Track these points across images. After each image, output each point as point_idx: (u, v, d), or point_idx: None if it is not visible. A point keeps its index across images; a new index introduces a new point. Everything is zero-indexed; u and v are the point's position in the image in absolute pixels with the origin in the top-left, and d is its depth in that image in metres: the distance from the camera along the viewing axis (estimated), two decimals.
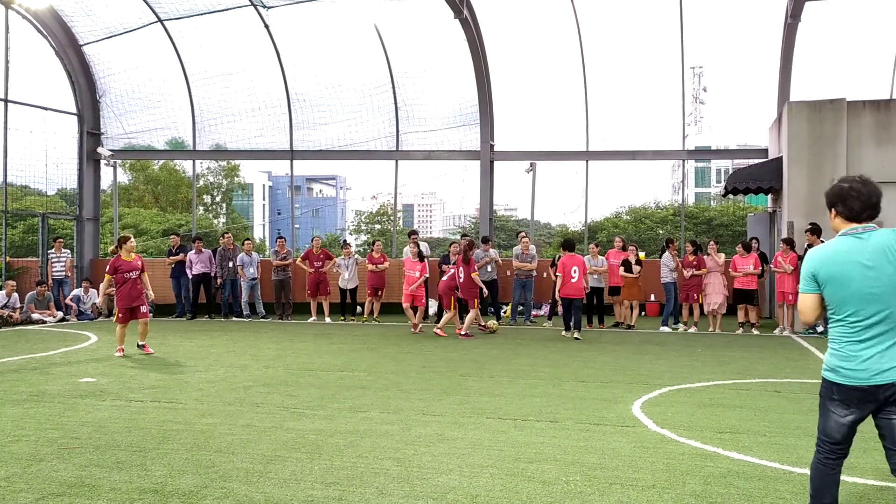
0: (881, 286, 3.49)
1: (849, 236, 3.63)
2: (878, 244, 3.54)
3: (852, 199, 3.64)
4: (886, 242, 3.54)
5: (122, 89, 19.86)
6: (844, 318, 3.59)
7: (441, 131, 19.10)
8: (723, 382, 8.68)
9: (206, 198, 51.85)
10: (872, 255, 3.53)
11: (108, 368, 9.70)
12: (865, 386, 3.52)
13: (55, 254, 17.64)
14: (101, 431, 6.22)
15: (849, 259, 3.56)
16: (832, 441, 3.70)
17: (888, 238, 3.55)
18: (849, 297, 3.55)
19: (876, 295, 3.50)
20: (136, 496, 4.61)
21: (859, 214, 3.63)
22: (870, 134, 14.20)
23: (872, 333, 3.52)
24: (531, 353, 11.24)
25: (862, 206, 3.63)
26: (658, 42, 18.23)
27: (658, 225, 36.74)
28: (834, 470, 3.74)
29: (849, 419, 3.62)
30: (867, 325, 3.53)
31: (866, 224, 3.63)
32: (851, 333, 3.57)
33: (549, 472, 5.10)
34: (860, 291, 3.52)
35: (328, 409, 7.08)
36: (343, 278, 16.48)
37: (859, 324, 3.54)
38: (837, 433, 3.67)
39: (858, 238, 3.59)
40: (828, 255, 3.64)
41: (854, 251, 3.57)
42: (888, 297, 3.49)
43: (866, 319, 3.53)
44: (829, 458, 3.74)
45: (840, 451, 3.72)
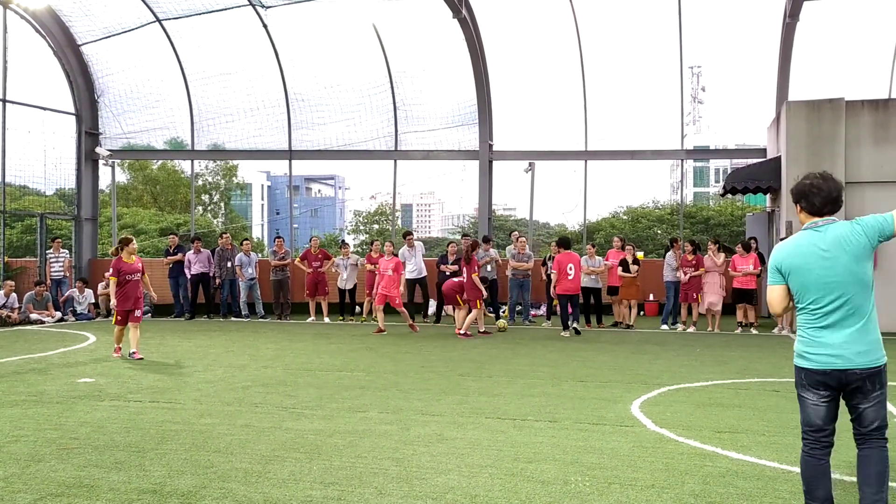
0: (838, 274, 3.73)
1: (810, 230, 3.87)
2: (836, 235, 3.77)
3: (814, 195, 3.86)
4: (843, 233, 3.76)
5: (120, 89, 19.85)
6: (807, 305, 3.83)
7: (440, 131, 19.10)
8: (722, 382, 8.68)
9: (205, 197, 51.80)
10: (830, 245, 3.76)
11: (106, 369, 9.69)
12: (829, 369, 3.74)
13: (53, 254, 17.63)
14: (100, 432, 6.21)
15: (809, 251, 3.81)
16: (813, 428, 3.85)
17: (845, 229, 3.77)
18: (810, 285, 3.79)
19: (834, 283, 3.73)
20: (134, 496, 4.60)
21: (820, 209, 3.87)
22: (868, 133, 14.20)
23: (833, 319, 3.75)
24: (530, 352, 11.24)
25: (822, 201, 3.85)
26: (657, 42, 18.24)
27: (655, 224, 36.73)
28: (822, 461, 3.83)
29: (822, 401, 3.80)
30: (828, 312, 3.76)
31: (827, 217, 3.85)
32: (814, 320, 3.81)
33: (548, 471, 5.09)
34: (819, 280, 3.76)
35: (327, 410, 7.08)
36: (341, 278, 16.49)
37: (820, 310, 3.78)
38: (816, 418, 3.83)
39: (818, 231, 3.83)
40: (790, 248, 3.90)
41: (813, 243, 3.81)
42: (845, 285, 3.72)
43: (827, 306, 3.76)
44: (815, 447, 3.85)
45: (824, 440, 3.83)
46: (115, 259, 10.82)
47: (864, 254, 3.76)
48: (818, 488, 3.81)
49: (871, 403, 3.77)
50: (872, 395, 3.76)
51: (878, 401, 3.77)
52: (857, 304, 3.75)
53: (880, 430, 3.80)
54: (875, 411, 3.78)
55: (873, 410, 3.78)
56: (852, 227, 3.78)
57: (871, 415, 3.78)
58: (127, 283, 10.66)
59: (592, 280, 15.05)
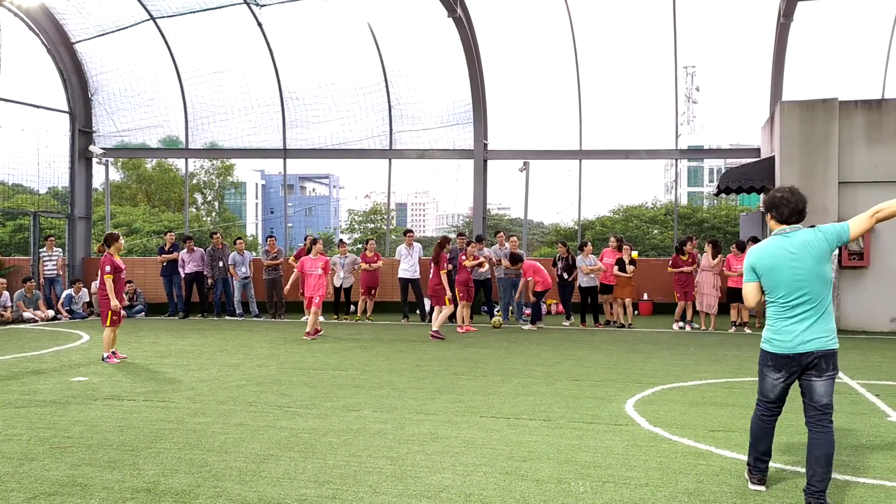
0: (804, 274, 4.37)
1: (779, 235, 4.53)
2: (802, 241, 4.42)
3: (782, 206, 4.53)
4: (808, 239, 4.41)
5: (114, 87, 19.79)
6: (776, 299, 4.49)
7: (434, 130, 19.10)
8: (715, 381, 8.70)
9: (199, 196, 51.67)
10: (797, 249, 4.40)
11: (100, 367, 9.66)
12: (791, 353, 4.42)
13: (47, 252, 17.57)
14: (94, 430, 6.20)
15: (779, 253, 4.45)
16: (768, 400, 4.64)
17: (809, 236, 4.42)
18: (779, 283, 4.44)
19: (800, 281, 4.38)
20: (128, 495, 4.59)
21: (788, 218, 4.53)
22: (861, 134, 14.26)
23: (798, 312, 4.41)
24: (524, 351, 11.25)
25: (790, 212, 4.51)
26: (651, 42, 18.28)
27: (648, 224, 36.76)
28: (769, 425, 4.67)
29: (780, 381, 4.53)
30: (794, 305, 4.42)
31: (794, 225, 4.51)
32: (781, 312, 4.47)
33: (543, 470, 5.10)
34: (788, 278, 4.41)
35: (321, 408, 7.07)
36: (338, 276, 16.47)
37: (787, 304, 4.43)
38: (772, 393, 4.59)
39: (786, 237, 4.49)
40: (763, 251, 4.55)
41: (783, 247, 4.46)
42: (809, 283, 4.37)
43: (793, 300, 4.41)
44: (765, 414, 4.67)
45: (774, 409, 4.64)
46: (107, 256, 10.24)
47: (826, 256, 4.39)
48: (761, 443, 4.69)
49: (824, 379, 4.41)
50: (827, 373, 4.40)
51: (829, 378, 4.41)
52: (818, 300, 4.39)
53: (828, 408, 4.42)
54: (826, 386, 4.41)
55: (823, 385, 4.41)
56: (815, 234, 4.41)
57: (822, 389, 4.41)
58: (118, 281, 10.32)
59: (590, 279, 15.08)
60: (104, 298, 10.21)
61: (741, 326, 14.38)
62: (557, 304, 17.81)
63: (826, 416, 4.40)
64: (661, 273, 15.96)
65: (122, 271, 10.37)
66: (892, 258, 14.11)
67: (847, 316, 14.24)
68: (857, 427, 6.38)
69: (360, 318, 16.26)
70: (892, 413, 6.95)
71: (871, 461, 5.36)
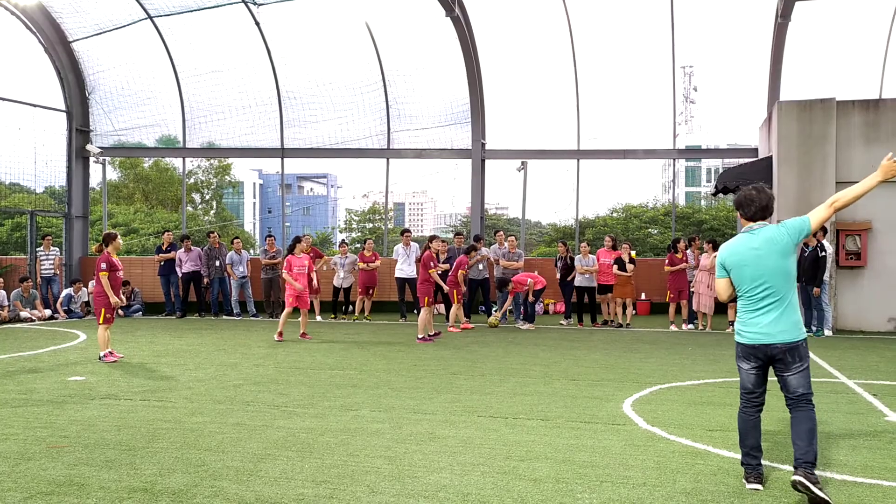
0: (767, 269, 4.58)
1: (746, 233, 4.73)
2: (766, 237, 4.62)
3: (749, 205, 4.72)
4: (772, 235, 4.60)
5: (111, 86, 19.76)
6: (744, 293, 4.70)
7: (432, 129, 19.09)
8: (713, 381, 8.70)
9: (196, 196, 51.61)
10: (762, 245, 4.60)
11: (97, 367, 9.64)
12: (757, 344, 4.63)
13: (44, 251, 17.53)
14: (91, 430, 6.18)
15: (745, 249, 4.66)
16: (746, 391, 4.81)
17: (773, 231, 4.61)
18: (746, 277, 4.65)
19: (764, 275, 4.58)
20: (125, 495, 4.58)
21: (754, 216, 4.73)
22: (859, 133, 14.27)
23: (763, 304, 4.60)
24: (522, 351, 11.25)
25: (755, 210, 4.71)
26: (649, 42, 18.29)
27: (647, 225, 36.79)
28: (753, 417, 4.77)
29: (752, 371, 4.73)
30: (759, 299, 4.62)
31: (760, 222, 4.70)
32: (748, 305, 4.68)
33: (540, 470, 5.10)
34: (753, 273, 4.62)
35: (319, 408, 7.06)
36: (338, 276, 16.46)
37: (754, 297, 4.64)
38: (748, 382, 4.78)
39: (752, 234, 4.69)
40: (732, 248, 4.76)
41: (749, 243, 4.66)
42: (773, 277, 4.57)
43: (758, 294, 4.62)
44: (748, 407, 4.80)
45: (755, 400, 4.78)
46: (104, 255, 10.22)
47: (789, 251, 4.58)
48: (749, 438, 4.76)
49: (793, 372, 4.59)
50: (794, 366, 4.59)
51: (799, 371, 4.59)
52: (781, 293, 4.58)
53: (805, 396, 4.60)
54: (797, 379, 4.59)
55: (795, 378, 4.59)
56: (779, 229, 4.61)
57: (794, 382, 4.60)
58: (115, 280, 10.28)
59: (586, 279, 15.08)
60: (99, 297, 10.18)
61: None
62: (555, 303, 17.82)
63: (802, 401, 4.59)
64: (659, 273, 15.96)
65: (118, 270, 10.33)
66: (890, 258, 14.12)
67: (844, 316, 14.25)
68: (854, 426, 6.39)
69: (357, 318, 16.26)
70: (889, 412, 6.95)
71: (868, 460, 5.36)
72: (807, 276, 13.46)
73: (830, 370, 9.53)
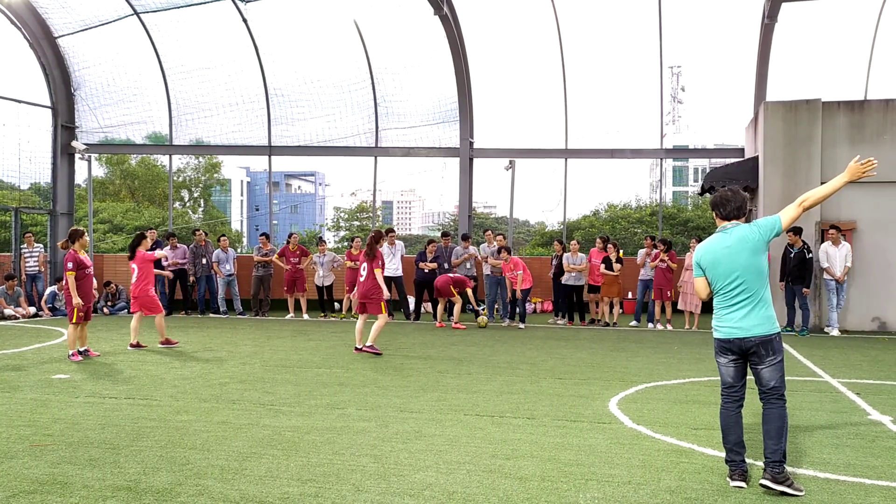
0: (740, 266, 4.73)
1: (720, 232, 4.88)
2: (739, 236, 4.78)
3: (723, 205, 4.89)
4: (744, 234, 4.76)
5: (97, 83, 19.61)
6: (719, 290, 4.86)
7: (420, 128, 19.07)
8: (698, 379, 8.75)
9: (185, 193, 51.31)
10: (734, 243, 4.76)
11: (81, 365, 9.58)
12: (732, 338, 4.77)
13: (27, 249, 17.39)
14: (74, 428, 6.15)
15: (719, 248, 4.82)
16: (726, 386, 4.90)
17: (745, 230, 4.77)
18: (720, 275, 4.81)
19: (736, 272, 4.74)
20: (109, 493, 4.55)
21: (728, 215, 4.88)
22: (844, 134, 14.38)
23: (737, 300, 4.75)
24: (509, 350, 11.27)
25: (730, 210, 4.87)
26: (637, 41, 18.33)
27: (635, 225, 36.88)
28: (734, 412, 4.85)
29: (730, 365, 4.85)
30: (733, 295, 4.77)
31: (734, 222, 4.86)
32: (723, 301, 4.83)
33: (526, 468, 5.11)
34: (726, 271, 4.77)
35: (305, 406, 7.05)
36: (318, 275, 16.43)
37: (727, 294, 4.80)
38: (727, 377, 4.88)
39: (726, 233, 4.85)
40: (707, 247, 4.91)
41: (722, 243, 4.82)
42: (746, 274, 4.72)
43: (731, 291, 4.77)
44: (728, 401, 4.89)
45: (735, 395, 4.87)
46: (70, 253, 10.00)
47: (760, 248, 4.73)
48: (731, 434, 4.83)
49: (767, 366, 4.72)
50: (767, 359, 4.72)
51: (772, 364, 4.72)
52: (754, 289, 4.72)
53: (776, 389, 4.73)
54: (770, 373, 4.72)
55: (768, 371, 4.72)
56: (751, 228, 4.76)
57: (767, 375, 4.73)
58: (84, 278, 10.09)
59: (574, 277, 15.12)
60: (70, 295, 10.01)
61: None
62: (542, 301, 17.87)
63: (774, 395, 4.73)
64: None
65: (87, 268, 10.13)
66: (874, 258, 14.24)
67: (826, 315, 14.35)
68: (837, 425, 6.44)
69: (344, 316, 16.23)
70: (872, 411, 7.01)
71: (851, 459, 5.40)
72: (792, 276, 13.56)
73: (814, 369, 9.60)
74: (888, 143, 14.21)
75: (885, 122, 14.33)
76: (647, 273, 14.85)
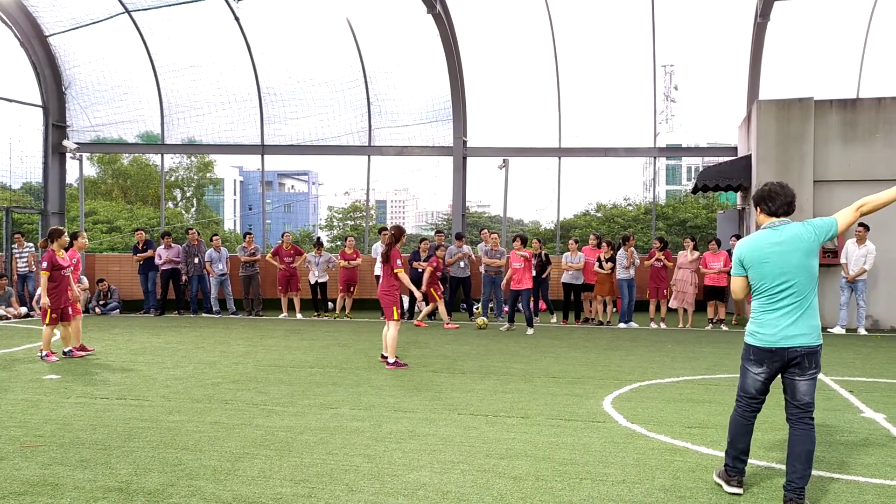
0: (791, 267, 4.35)
1: (769, 228, 4.50)
2: (791, 234, 4.41)
3: (772, 200, 4.51)
4: (797, 232, 4.40)
5: (88, 81, 19.50)
6: (763, 292, 4.45)
7: (414, 127, 19.03)
8: (692, 378, 8.75)
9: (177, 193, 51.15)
10: (785, 241, 4.39)
11: (72, 365, 9.52)
12: (775, 347, 4.38)
13: (17, 248, 17.29)
14: (65, 429, 6.10)
15: (766, 246, 4.43)
16: (748, 396, 4.58)
17: (799, 229, 4.41)
18: (766, 275, 4.41)
19: (786, 273, 4.36)
20: (100, 495, 4.52)
21: (777, 211, 4.51)
22: (836, 133, 14.41)
23: (783, 304, 4.37)
24: (503, 349, 11.25)
25: (779, 204, 4.50)
26: (630, 40, 18.35)
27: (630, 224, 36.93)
28: (749, 422, 4.61)
29: (762, 376, 4.49)
30: (779, 298, 4.38)
31: (782, 218, 4.50)
32: (767, 304, 4.43)
33: (520, 467, 5.09)
34: (775, 271, 4.38)
35: (298, 406, 7.02)
36: (312, 274, 16.39)
37: (773, 297, 4.40)
38: (752, 388, 4.54)
39: (775, 229, 4.47)
40: (752, 244, 4.52)
41: (772, 239, 4.44)
42: (796, 276, 4.35)
43: (779, 293, 4.38)
44: (746, 411, 4.61)
45: (755, 405, 4.59)
46: (48, 253, 9.88)
47: (814, 250, 4.38)
48: (740, 442, 4.61)
49: (807, 378, 4.39)
50: (809, 372, 4.38)
51: (812, 377, 4.39)
52: (804, 294, 4.37)
53: (810, 406, 4.41)
54: (808, 385, 4.40)
55: (807, 384, 4.40)
56: (805, 227, 4.41)
57: (804, 388, 4.40)
58: (60, 278, 9.94)
59: (572, 276, 15.10)
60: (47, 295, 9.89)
61: (718, 324, 14.49)
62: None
63: (807, 413, 4.40)
64: (639, 270, 16.02)
65: (62, 269, 9.95)
66: None
67: (822, 313, 14.39)
68: (831, 423, 6.44)
69: (338, 316, 16.20)
70: (865, 409, 7.02)
71: (844, 457, 5.41)
72: None
73: None
74: (880, 141, 14.26)
75: (878, 120, 14.37)
76: (628, 273, 14.79)
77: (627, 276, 14.75)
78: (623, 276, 14.78)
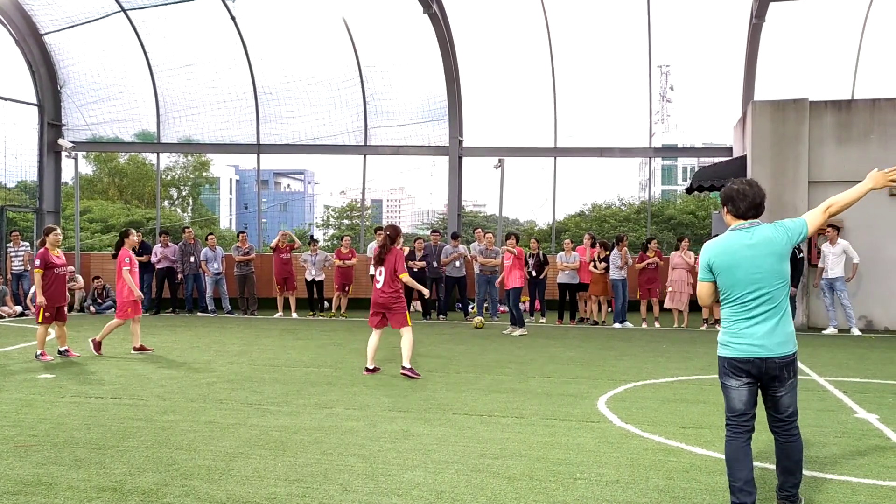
0: (763, 271, 4.06)
1: (738, 230, 4.18)
2: (762, 236, 4.11)
3: (740, 200, 4.18)
4: (769, 235, 4.11)
5: (83, 80, 19.49)
6: (734, 299, 4.13)
7: (409, 126, 19.04)
8: (686, 378, 8.77)
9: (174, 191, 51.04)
10: (757, 245, 4.09)
11: (67, 365, 9.51)
12: (752, 358, 4.07)
13: (13, 247, 17.25)
14: (60, 429, 6.09)
15: (737, 249, 4.11)
16: (736, 413, 4.16)
17: (770, 231, 4.13)
18: (737, 281, 4.09)
19: (759, 278, 4.06)
20: (94, 494, 4.52)
21: (745, 212, 4.18)
22: (831, 133, 14.44)
23: (757, 312, 4.07)
24: (497, 349, 11.26)
25: (747, 206, 4.17)
26: (626, 41, 18.39)
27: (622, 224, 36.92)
28: (744, 444, 4.14)
29: (743, 389, 4.12)
30: (753, 306, 4.08)
31: (752, 220, 4.17)
32: (740, 313, 4.11)
33: (515, 467, 5.10)
34: (746, 276, 4.07)
35: (293, 406, 7.02)
36: (309, 272, 16.38)
37: (747, 304, 4.09)
38: (738, 403, 4.14)
39: (745, 231, 4.15)
40: (721, 247, 4.18)
41: (742, 242, 4.12)
42: (769, 281, 4.06)
43: (752, 301, 4.08)
44: (738, 432, 4.15)
45: (745, 424, 4.15)
46: (41, 251, 9.86)
47: (786, 254, 4.12)
48: (740, 469, 4.09)
49: (787, 391, 4.14)
50: (788, 383, 4.14)
51: (792, 388, 4.16)
52: (777, 300, 4.09)
53: (793, 416, 4.20)
54: (790, 397, 4.17)
55: (788, 397, 4.16)
56: (776, 230, 4.14)
57: (787, 401, 4.16)
58: (55, 277, 9.88)
59: (568, 276, 15.11)
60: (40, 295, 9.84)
61: (713, 324, 14.52)
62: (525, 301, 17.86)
63: (793, 423, 4.20)
64: (633, 270, 16.06)
65: (56, 267, 9.89)
66: (861, 258, 14.29)
67: (815, 313, 14.43)
68: (824, 423, 6.46)
69: (333, 315, 16.19)
70: (858, 409, 7.05)
71: (837, 457, 5.43)
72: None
73: (802, 367, 9.64)
74: (875, 142, 14.29)
75: (872, 121, 14.40)
76: (622, 273, 14.79)
77: (621, 276, 14.76)
78: (616, 277, 14.78)
